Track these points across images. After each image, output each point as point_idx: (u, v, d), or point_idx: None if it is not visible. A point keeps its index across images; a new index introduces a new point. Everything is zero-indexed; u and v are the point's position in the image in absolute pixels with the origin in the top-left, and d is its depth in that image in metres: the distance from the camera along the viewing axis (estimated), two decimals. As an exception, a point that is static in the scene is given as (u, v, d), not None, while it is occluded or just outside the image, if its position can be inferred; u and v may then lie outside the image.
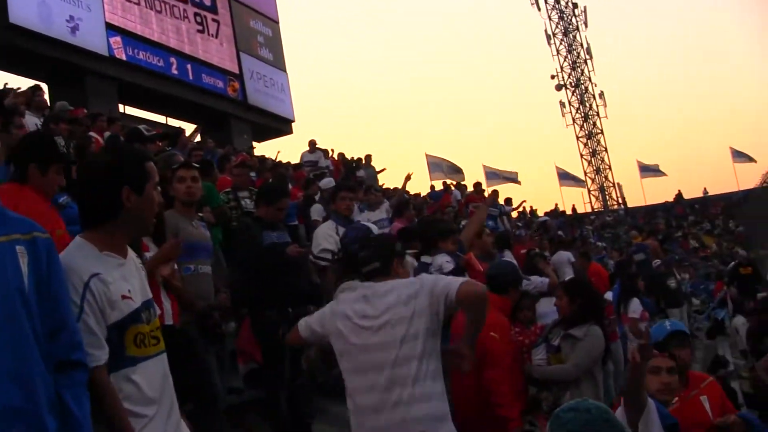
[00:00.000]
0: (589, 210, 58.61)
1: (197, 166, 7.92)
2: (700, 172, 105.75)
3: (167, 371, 3.68)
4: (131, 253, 3.71)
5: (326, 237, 9.32)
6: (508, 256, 11.26)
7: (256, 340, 7.60)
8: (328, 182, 15.80)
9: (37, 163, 5.25)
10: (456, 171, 32.95)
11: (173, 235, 6.40)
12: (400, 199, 14.79)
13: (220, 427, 6.77)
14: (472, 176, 33.08)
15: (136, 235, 3.62)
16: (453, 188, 27.38)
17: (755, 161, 47.61)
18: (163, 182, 7.09)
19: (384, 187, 24.08)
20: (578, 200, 72.90)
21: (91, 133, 13.12)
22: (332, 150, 24.94)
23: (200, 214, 8.52)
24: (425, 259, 9.74)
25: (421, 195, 26.32)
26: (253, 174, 15.57)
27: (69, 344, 3.18)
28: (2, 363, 2.91)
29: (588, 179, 61.69)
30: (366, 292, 4.96)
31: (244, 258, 7.62)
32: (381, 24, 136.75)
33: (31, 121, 11.81)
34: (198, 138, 21.18)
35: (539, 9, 63.64)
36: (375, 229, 6.71)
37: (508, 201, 26.39)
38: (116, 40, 23.91)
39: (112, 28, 23.90)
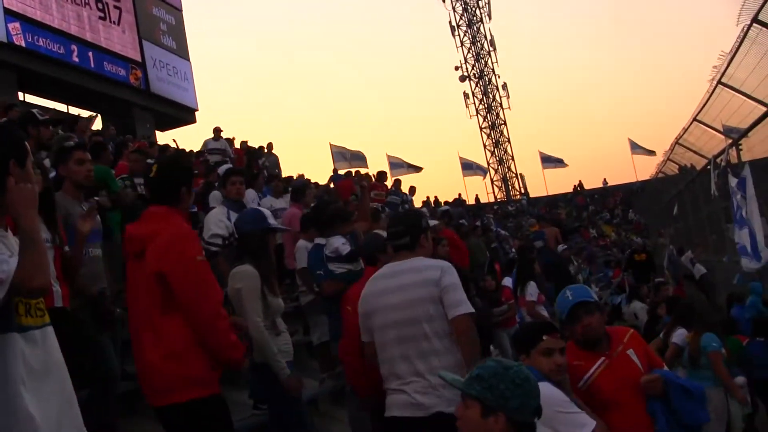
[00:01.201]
0: (492, 200, 59.07)
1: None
2: (601, 164, 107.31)
3: (56, 345, 3.61)
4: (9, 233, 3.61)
5: (217, 222, 9.28)
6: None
7: None
8: (225, 168, 15.72)
9: (186, 187, 5.29)
10: (359, 158, 33.06)
11: (63, 218, 6.28)
12: (297, 184, 14.75)
13: (115, 412, 6.68)
14: (377, 166, 33.07)
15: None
16: (357, 176, 27.45)
17: (654, 153, 48.35)
18: (55, 164, 6.98)
19: (286, 176, 24.04)
20: (481, 190, 73.62)
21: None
22: (233, 138, 24.78)
23: (95, 198, 8.39)
24: (319, 240, 9.74)
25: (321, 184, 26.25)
26: (152, 161, 15.42)
27: None
28: None
29: (491, 169, 62.20)
30: (388, 271, 5.69)
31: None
32: (285, 12, 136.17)
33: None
34: (98, 125, 20.94)
35: (443, 1, 64.00)
36: (268, 213, 6.64)
37: (412, 190, 26.57)
38: (15, 26, 23.40)
39: (10, 14, 23.37)
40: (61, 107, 26.82)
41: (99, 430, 4.63)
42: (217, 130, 23.22)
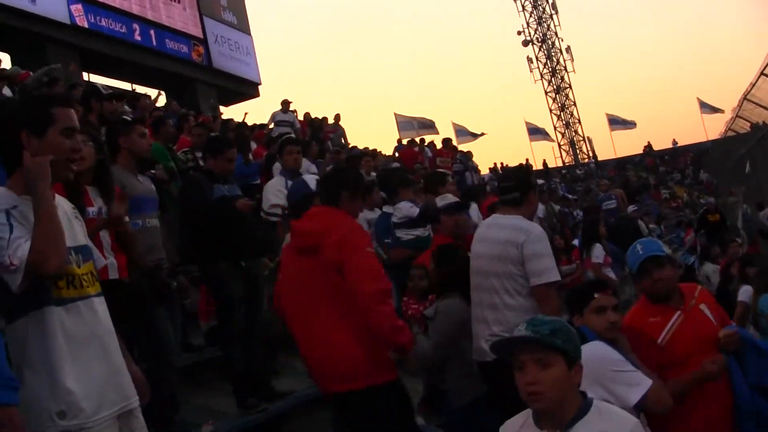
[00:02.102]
0: (560, 164, 58.63)
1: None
2: (669, 124, 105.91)
3: (105, 314, 3.70)
4: (61, 203, 3.73)
5: (275, 192, 9.28)
6: (474, 210, 11.29)
7: None
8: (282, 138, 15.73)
9: (349, 192, 5.66)
10: (427, 126, 32.96)
11: (120, 188, 6.32)
12: (350, 155, 14.72)
13: (173, 384, 6.72)
14: (443, 134, 33.00)
15: (53, 180, 3.51)
16: (420, 144, 27.42)
17: (722, 111, 47.58)
18: (114, 136, 7.02)
19: (352, 146, 24.05)
20: (549, 155, 73.07)
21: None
22: (295, 111, 24.76)
23: (152, 171, 8.45)
24: (387, 209, 9.72)
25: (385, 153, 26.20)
26: (215, 134, 15.49)
27: None
28: None
29: (558, 134, 61.75)
30: (491, 221, 6.25)
31: (193, 211, 7.51)
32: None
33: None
34: (161, 102, 21.09)
35: (503, -35, 63.57)
36: (312, 181, 6.61)
37: (469, 154, 26.57)
38: (77, 8, 23.60)
39: (72, -4, 23.43)
40: (125, 86, 26.88)
41: (158, 401, 4.66)
42: (285, 103, 23.18)
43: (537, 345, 3.29)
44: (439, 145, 27.23)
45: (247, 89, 32.72)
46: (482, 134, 36.48)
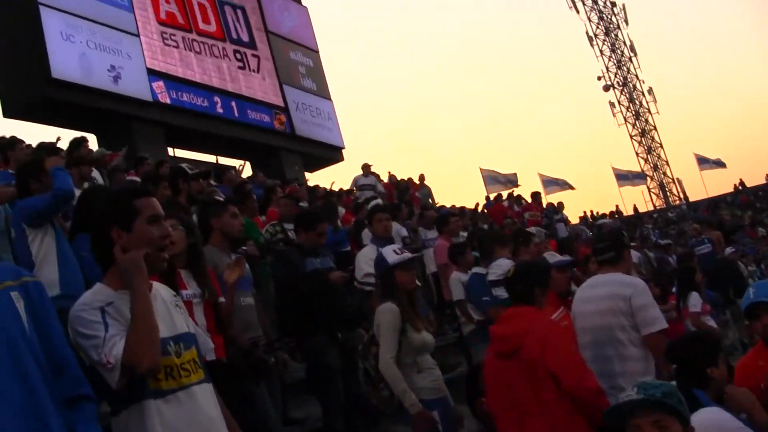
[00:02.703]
0: (650, 208, 57.88)
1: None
2: (762, 159, 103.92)
3: (208, 401, 3.74)
4: (161, 291, 3.83)
5: (368, 261, 9.34)
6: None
7: None
8: (375, 204, 15.73)
9: (542, 288, 5.97)
10: (512, 181, 32.90)
11: (213, 269, 6.41)
12: (439, 216, 14.70)
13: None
14: (530, 187, 32.87)
15: (149, 272, 3.58)
16: (509, 199, 27.41)
17: (817, 141, 46.73)
18: (205, 217, 7.13)
19: (439, 205, 24.05)
20: (639, 199, 72.08)
21: (135, 178, 13.23)
22: (378, 175, 24.80)
23: (244, 248, 8.52)
24: (477, 269, 9.70)
25: (474, 209, 26.12)
26: (304, 204, 15.58)
27: (74, 379, 3.29)
28: (14, 401, 2.99)
29: (646, 177, 60.96)
30: (592, 281, 6.66)
31: (287, 286, 7.59)
32: (421, 40, 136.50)
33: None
34: (247, 171, 21.34)
35: (578, 11, 63.08)
36: (391, 254, 6.64)
37: (560, 206, 26.45)
38: (159, 85, 24.00)
39: (153, 74, 23.98)
40: (209, 158, 27.27)
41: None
42: (366, 167, 23.39)
43: (652, 408, 3.32)
44: (528, 198, 27.23)
45: (331, 154, 32.80)
46: (571, 187, 36.23)
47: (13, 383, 3.01)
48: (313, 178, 30.19)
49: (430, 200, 25.94)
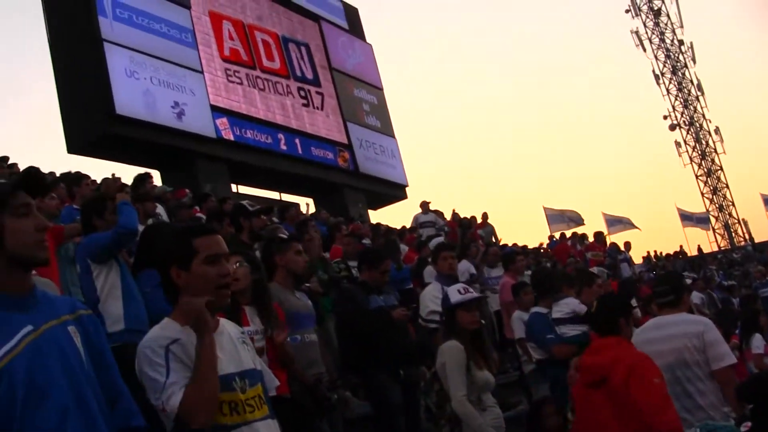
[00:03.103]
0: (715, 249, 57.18)
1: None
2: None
3: None
4: (227, 327, 3.89)
5: (432, 299, 9.33)
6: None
7: None
8: (436, 242, 15.69)
9: (625, 318, 6.20)
10: (575, 219, 32.74)
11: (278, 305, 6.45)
12: (504, 254, 14.64)
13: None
14: (593, 225, 32.64)
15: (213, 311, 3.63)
16: (573, 238, 27.33)
17: None
18: (269, 254, 7.16)
19: (502, 243, 23.98)
20: (703, 240, 71.27)
21: (199, 214, 13.32)
22: (439, 212, 24.70)
23: (307, 285, 8.53)
24: (537, 309, 9.67)
25: (538, 247, 26.02)
26: (367, 241, 15.60)
27: (127, 412, 3.37)
28: None
29: (711, 218, 60.30)
30: (654, 323, 6.79)
31: (351, 323, 7.62)
32: (486, 78, 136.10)
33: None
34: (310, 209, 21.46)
35: (644, 50, 62.55)
36: (455, 294, 6.69)
37: (627, 245, 26.26)
38: (222, 122, 24.18)
39: (217, 110, 24.19)
40: (273, 194, 27.48)
41: None
42: (424, 204, 23.42)
43: None
44: (590, 237, 27.10)
45: (395, 192, 32.87)
46: (635, 227, 35.95)
47: (76, 417, 3.05)
48: (377, 216, 30.29)
49: (493, 238, 25.89)
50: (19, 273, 3.13)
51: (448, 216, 25.51)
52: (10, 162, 13.83)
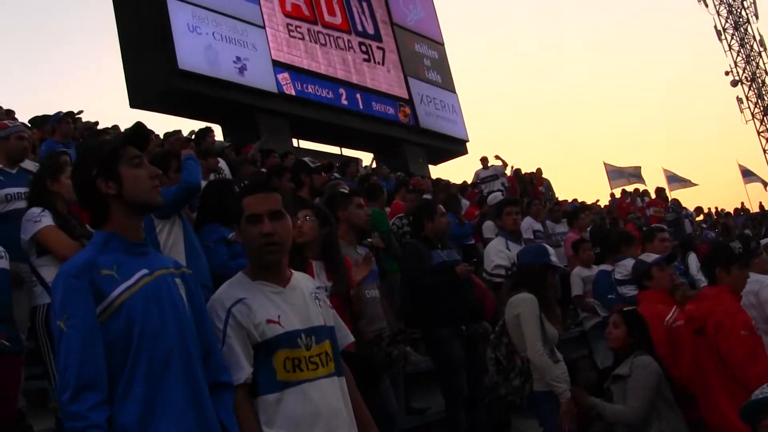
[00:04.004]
0: (777, 205, 56.32)
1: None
2: None
3: (335, 394, 3.80)
4: (301, 281, 3.98)
5: (498, 253, 9.37)
6: (692, 260, 11.07)
7: None
8: (494, 197, 15.63)
9: (723, 267, 6.32)
10: (636, 175, 32.44)
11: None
12: (570, 210, 14.53)
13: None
14: (653, 181, 32.36)
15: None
16: (633, 194, 27.17)
17: None
18: (331, 208, 7.16)
19: (561, 199, 23.84)
20: (765, 197, 70.34)
21: (263, 170, 13.36)
22: (502, 163, 24.51)
23: (369, 239, 8.53)
24: (604, 267, 9.60)
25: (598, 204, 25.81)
26: (428, 197, 15.56)
27: (218, 367, 3.56)
28: (181, 392, 3.27)
29: (770, 179, 59.33)
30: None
31: (414, 279, 7.63)
32: (547, 32, 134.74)
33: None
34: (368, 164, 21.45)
35: (706, 5, 61.43)
36: (552, 251, 6.73)
37: (699, 210, 26.10)
38: (284, 76, 24.33)
39: (279, 65, 24.33)
40: (333, 149, 27.64)
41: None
42: (484, 159, 23.29)
43: None
44: (652, 194, 26.87)
45: (456, 147, 32.82)
46: (694, 184, 35.52)
47: (179, 359, 3.30)
48: (437, 171, 30.23)
49: (551, 193, 25.76)
50: (136, 219, 3.45)
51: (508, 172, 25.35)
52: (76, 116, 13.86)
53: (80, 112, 14.11)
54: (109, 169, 3.36)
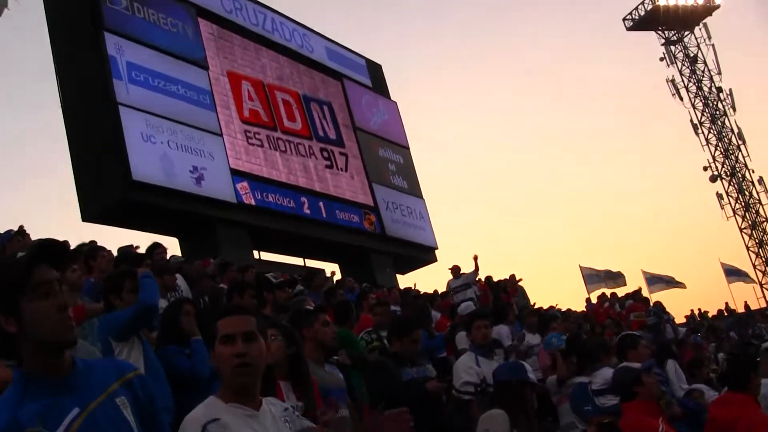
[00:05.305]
0: (763, 305, 56.52)
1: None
2: None
3: None
4: (271, 407, 3.96)
5: (467, 369, 9.34)
6: (671, 367, 11.18)
7: None
8: (466, 306, 15.62)
9: (755, 372, 6.68)
10: (614, 277, 32.63)
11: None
12: (540, 319, 14.59)
13: None
14: (632, 284, 32.49)
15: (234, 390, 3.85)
16: (612, 299, 27.30)
17: None
18: (298, 326, 7.21)
19: (536, 306, 23.93)
20: (750, 296, 70.59)
21: (222, 285, 13.34)
22: (480, 280, 24.61)
23: (335, 357, 8.58)
24: (581, 379, 9.65)
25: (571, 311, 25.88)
26: (397, 308, 15.59)
27: None
28: None
29: (758, 272, 59.64)
30: None
31: (382, 396, 7.63)
32: (515, 136, 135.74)
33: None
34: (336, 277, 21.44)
35: (681, 99, 62.15)
36: (529, 368, 6.80)
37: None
38: (243, 186, 24.34)
39: (237, 174, 24.35)
40: (297, 261, 27.62)
41: None
42: (455, 269, 23.35)
43: None
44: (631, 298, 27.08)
45: (424, 255, 32.89)
46: (681, 285, 35.70)
47: None
48: (405, 281, 30.27)
49: (525, 301, 25.86)
50: (53, 356, 3.06)
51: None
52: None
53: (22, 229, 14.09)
54: (6, 303, 2.98)
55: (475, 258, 23.13)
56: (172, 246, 19.79)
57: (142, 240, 27.17)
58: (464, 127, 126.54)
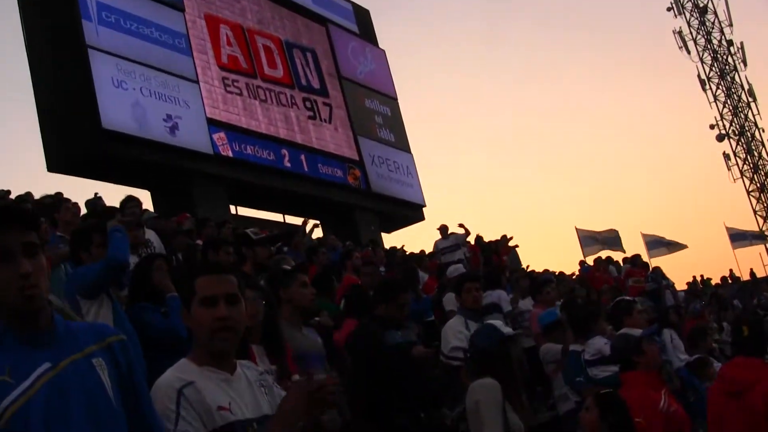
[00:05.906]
0: (769, 271, 56.28)
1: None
2: None
3: None
4: (246, 371, 3.98)
5: (456, 334, 9.33)
6: (666, 335, 11.19)
7: None
8: (455, 269, 15.57)
9: None
10: (612, 239, 32.56)
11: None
12: (533, 283, 14.57)
13: None
14: (630, 247, 32.29)
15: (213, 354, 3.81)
16: (606, 262, 27.24)
17: None
18: (275, 287, 7.20)
19: (530, 269, 23.92)
20: (756, 263, 70.20)
21: (198, 242, 13.25)
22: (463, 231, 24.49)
23: (317, 318, 8.56)
24: (574, 347, 9.63)
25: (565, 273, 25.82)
26: (382, 269, 15.57)
27: None
28: None
29: (766, 237, 59.26)
30: None
31: (365, 362, 7.61)
32: (510, 87, 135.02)
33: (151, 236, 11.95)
34: (317, 234, 21.31)
35: (689, 52, 61.47)
36: (499, 323, 6.72)
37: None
38: (220, 136, 24.15)
39: (214, 124, 24.14)
40: (276, 217, 27.60)
41: None
42: (443, 228, 23.24)
43: None
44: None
45: (411, 213, 32.86)
46: (683, 246, 35.53)
47: None
48: (391, 240, 30.22)
49: (518, 264, 25.87)
50: (23, 317, 3.03)
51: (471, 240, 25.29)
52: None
53: None
54: None
55: (460, 225, 23.10)
56: (145, 200, 19.61)
57: (112, 193, 27.09)
58: (457, 78, 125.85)
